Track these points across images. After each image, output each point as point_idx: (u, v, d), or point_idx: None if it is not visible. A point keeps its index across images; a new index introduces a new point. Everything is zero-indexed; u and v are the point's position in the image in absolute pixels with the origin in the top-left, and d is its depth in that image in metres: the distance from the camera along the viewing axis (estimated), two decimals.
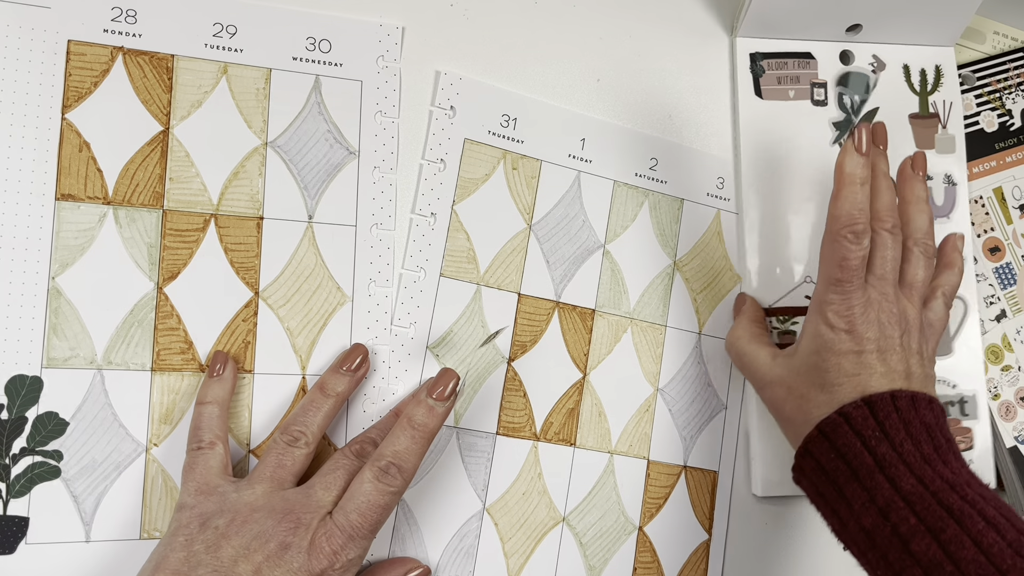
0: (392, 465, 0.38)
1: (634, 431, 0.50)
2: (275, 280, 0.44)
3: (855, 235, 0.42)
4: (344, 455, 0.41)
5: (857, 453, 0.39)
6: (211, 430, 0.41)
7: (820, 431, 0.41)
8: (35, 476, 0.40)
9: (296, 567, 0.36)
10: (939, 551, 0.35)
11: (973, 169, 0.57)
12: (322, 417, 0.42)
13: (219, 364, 0.42)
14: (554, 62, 0.50)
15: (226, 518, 0.37)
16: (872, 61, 0.55)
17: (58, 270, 0.41)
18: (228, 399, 0.42)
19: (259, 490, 0.39)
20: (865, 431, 0.40)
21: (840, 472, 0.40)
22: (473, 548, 0.46)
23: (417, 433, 0.39)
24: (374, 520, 0.38)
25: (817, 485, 0.41)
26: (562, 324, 0.49)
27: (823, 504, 0.42)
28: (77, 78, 0.41)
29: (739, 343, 0.49)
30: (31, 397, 0.40)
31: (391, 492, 0.38)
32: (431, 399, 0.40)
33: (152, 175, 0.42)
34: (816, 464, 0.41)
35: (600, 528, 0.49)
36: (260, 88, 0.44)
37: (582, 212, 0.50)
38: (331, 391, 0.42)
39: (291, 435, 0.41)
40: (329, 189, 0.45)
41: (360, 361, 0.43)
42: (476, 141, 0.47)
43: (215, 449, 0.40)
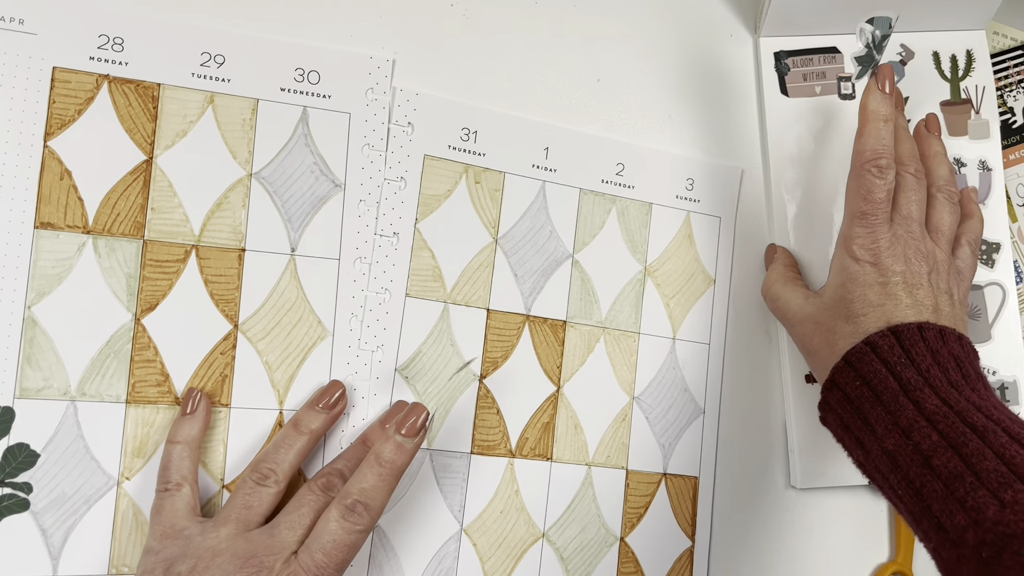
0: (359, 503, 0.38)
1: (611, 441, 0.49)
2: (255, 313, 0.43)
3: (879, 169, 0.43)
4: (310, 490, 0.40)
5: (882, 379, 0.39)
6: (179, 471, 0.40)
7: (846, 360, 0.41)
8: (3, 508, 0.39)
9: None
10: (960, 463, 0.35)
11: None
12: (294, 455, 0.41)
13: (192, 401, 0.41)
14: (554, 63, 0.50)
15: (189, 563, 0.37)
16: (900, 51, 0.55)
17: (34, 299, 0.40)
18: (199, 438, 0.41)
19: (223, 533, 0.38)
20: (891, 358, 0.39)
21: (865, 398, 0.39)
22: (452, 570, 0.45)
23: (385, 471, 0.38)
24: (340, 559, 0.37)
25: (842, 417, 0.41)
26: (533, 338, 0.48)
27: (848, 437, 0.41)
28: (61, 105, 0.41)
29: (774, 287, 0.49)
30: (2, 428, 0.39)
31: (358, 531, 0.38)
32: (400, 435, 0.39)
33: (134, 205, 0.42)
34: (842, 395, 0.41)
35: (581, 541, 0.48)
36: (246, 119, 0.44)
37: (549, 223, 0.49)
38: (305, 428, 0.42)
39: (261, 473, 0.40)
40: (313, 222, 0.45)
41: (337, 398, 0.43)
42: (436, 157, 0.47)
43: (181, 491, 0.40)
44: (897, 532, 0.53)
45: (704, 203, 0.52)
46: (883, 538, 0.53)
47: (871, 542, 0.53)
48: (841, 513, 0.53)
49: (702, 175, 0.52)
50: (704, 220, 0.52)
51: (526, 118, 0.49)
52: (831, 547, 0.52)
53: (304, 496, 0.40)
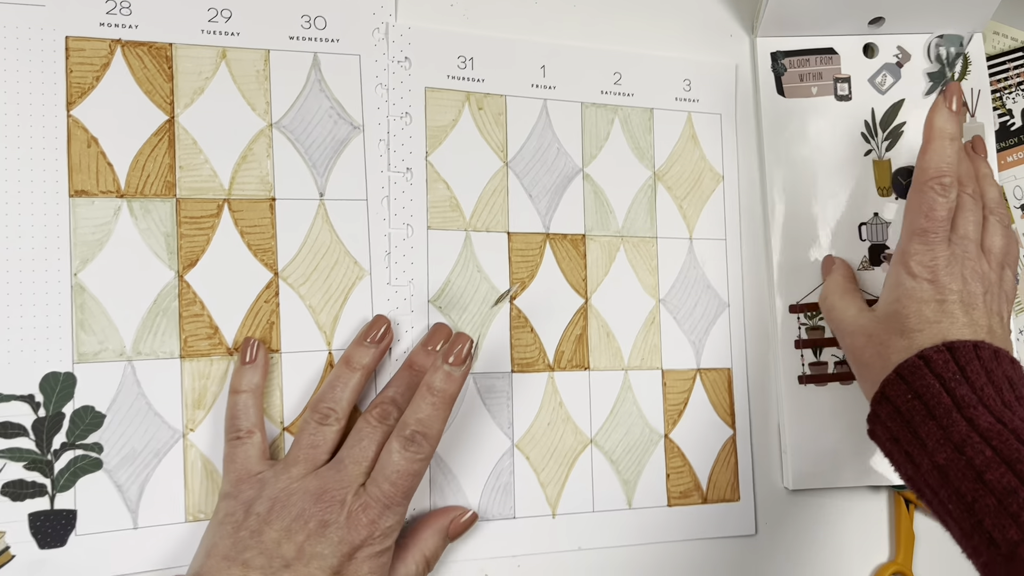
0: (417, 433, 0.39)
1: (643, 345, 0.51)
2: (293, 259, 0.44)
3: (943, 187, 0.43)
4: (367, 423, 0.41)
5: (935, 394, 0.39)
6: (247, 419, 0.42)
7: (898, 374, 0.41)
8: (78, 469, 0.40)
9: (337, 540, 0.38)
10: (1014, 479, 0.35)
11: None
12: (350, 392, 0.42)
13: (250, 350, 0.42)
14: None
15: (266, 504, 0.38)
16: (897, 53, 0.55)
17: (79, 266, 0.41)
18: (261, 385, 0.42)
19: (294, 472, 0.40)
20: (945, 373, 0.39)
21: (916, 412, 0.39)
22: (510, 484, 0.47)
23: (437, 399, 0.40)
24: (406, 487, 0.39)
25: (892, 430, 0.41)
26: (556, 254, 0.50)
27: (897, 450, 0.41)
28: (78, 74, 0.42)
29: (831, 297, 0.49)
30: (66, 393, 0.40)
31: (419, 459, 0.39)
32: (448, 365, 0.40)
33: (162, 165, 0.43)
34: (893, 408, 0.41)
35: (627, 443, 0.50)
36: (260, 70, 0.44)
37: (555, 140, 0.50)
38: (357, 364, 0.43)
39: (321, 413, 0.42)
40: (337, 165, 0.45)
41: (383, 332, 0.44)
42: (437, 88, 0.48)
43: (252, 438, 0.41)
44: (897, 532, 0.54)
45: (703, 102, 0.53)
46: (883, 538, 0.54)
47: (871, 542, 0.54)
48: (841, 513, 0.53)
49: (698, 74, 0.53)
50: (706, 119, 0.53)
51: (520, 39, 0.50)
52: (831, 547, 0.53)
53: (363, 429, 0.41)
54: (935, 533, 0.54)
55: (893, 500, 0.54)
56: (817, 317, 0.53)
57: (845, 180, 0.53)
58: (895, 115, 0.54)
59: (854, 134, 0.54)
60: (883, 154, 0.54)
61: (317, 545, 0.37)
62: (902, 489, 0.53)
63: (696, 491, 0.51)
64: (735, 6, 0.55)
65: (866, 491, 0.54)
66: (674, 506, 0.50)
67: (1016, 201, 0.57)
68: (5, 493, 0.39)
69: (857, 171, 0.54)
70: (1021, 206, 0.57)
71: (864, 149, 0.54)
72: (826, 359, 0.53)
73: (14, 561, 0.39)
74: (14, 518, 0.39)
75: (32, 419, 0.40)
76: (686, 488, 0.51)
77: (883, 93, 0.55)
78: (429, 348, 0.45)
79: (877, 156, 0.54)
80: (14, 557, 0.39)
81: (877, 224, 0.53)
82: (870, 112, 0.54)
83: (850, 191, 0.53)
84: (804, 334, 0.53)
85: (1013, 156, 0.57)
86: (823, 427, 0.52)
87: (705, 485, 0.51)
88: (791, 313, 0.53)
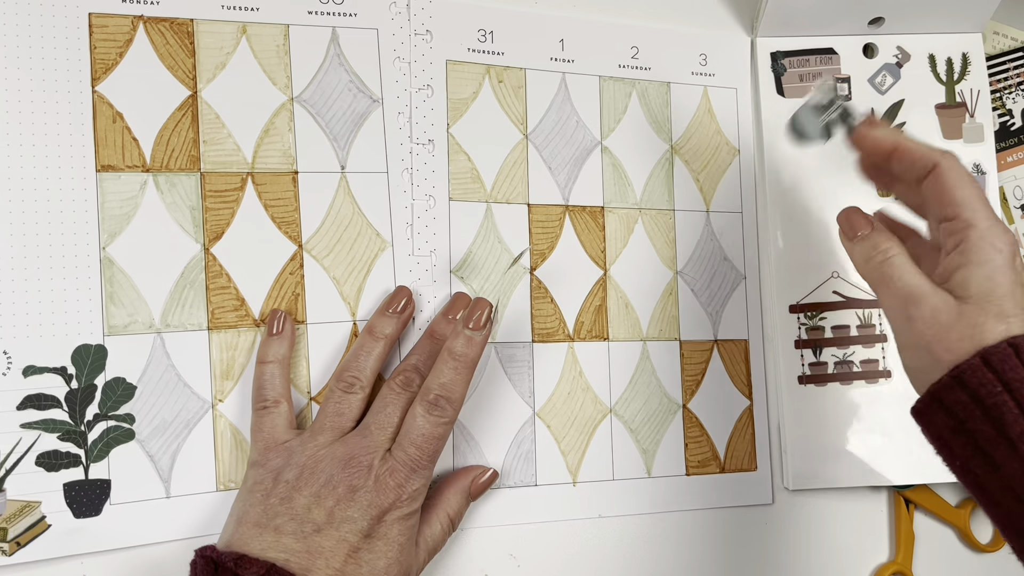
0: (440, 398, 0.40)
1: (661, 316, 0.52)
2: (316, 232, 0.45)
3: None
4: (391, 389, 0.42)
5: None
6: (274, 388, 0.42)
7: (984, 360, 0.36)
8: (111, 440, 0.41)
9: (366, 504, 0.38)
10: None
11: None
12: (374, 360, 0.43)
13: (277, 322, 0.43)
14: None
15: (295, 471, 0.39)
16: (896, 53, 0.55)
17: (107, 240, 0.42)
18: (288, 355, 0.43)
19: (321, 440, 0.41)
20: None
21: (1006, 407, 0.35)
22: (531, 452, 0.48)
23: (459, 364, 0.41)
24: (431, 451, 0.40)
25: (963, 421, 0.36)
26: (575, 226, 0.50)
27: (965, 444, 0.37)
28: (102, 50, 0.42)
29: (898, 256, 0.41)
30: (97, 365, 0.41)
31: (443, 423, 0.40)
32: (468, 329, 0.41)
33: (186, 139, 0.43)
34: (969, 397, 0.36)
35: (646, 412, 0.51)
36: (280, 45, 0.45)
37: (574, 113, 0.51)
38: (380, 334, 0.44)
39: (346, 381, 0.42)
40: (358, 138, 0.46)
41: (405, 302, 0.45)
42: (458, 61, 0.48)
43: (279, 407, 0.42)
44: (897, 532, 0.53)
45: (719, 76, 0.54)
46: (883, 538, 0.54)
47: (871, 542, 0.54)
48: (841, 514, 0.53)
49: (714, 48, 0.54)
50: (721, 93, 0.54)
51: (538, 12, 0.51)
52: (831, 547, 0.53)
53: (387, 396, 0.42)
54: (935, 533, 0.55)
55: (893, 500, 0.54)
56: (817, 317, 0.53)
57: (844, 180, 0.53)
58: (895, 115, 0.55)
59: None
60: None
61: (347, 509, 0.38)
62: (902, 489, 0.53)
63: (714, 460, 0.52)
64: (734, 6, 0.55)
65: (866, 491, 0.54)
66: (692, 475, 0.51)
67: (1016, 201, 0.56)
68: (40, 464, 0.40)
69: (856, 172, 0.53)
70: (1021, 206, 0.57)
71: None
72: (826, 359, 0.53)
73: (50, 530, 0.40)
74: (50, 488, 0.40)
75: (65, 391, 0.41)
76: (704, 457, 0.52)
77: (883, 93, 0.55)
78: (450, 317, 0.45)
79: None
80: (50, 526, 0.40)
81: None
82: (870, 112, 0.54)
83: (850, 192, 0.53)
84: (804, 334, 0.53)
85: (1013, 156, 0.56)
86: (823, 427, 0.52)
87: (723, 454, 0.52)
88: (791, 313, 0.53)
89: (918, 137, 0.41)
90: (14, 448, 0.40)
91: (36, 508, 0.40)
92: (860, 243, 0.42)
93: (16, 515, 0.40)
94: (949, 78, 0.55)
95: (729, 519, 0.52)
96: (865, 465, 0.52)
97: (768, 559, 0.52)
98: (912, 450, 0.52)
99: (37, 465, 0.40)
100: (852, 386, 0.53)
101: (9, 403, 0.40)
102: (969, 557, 0.55)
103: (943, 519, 0.55)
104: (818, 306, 0.53)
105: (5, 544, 0.39)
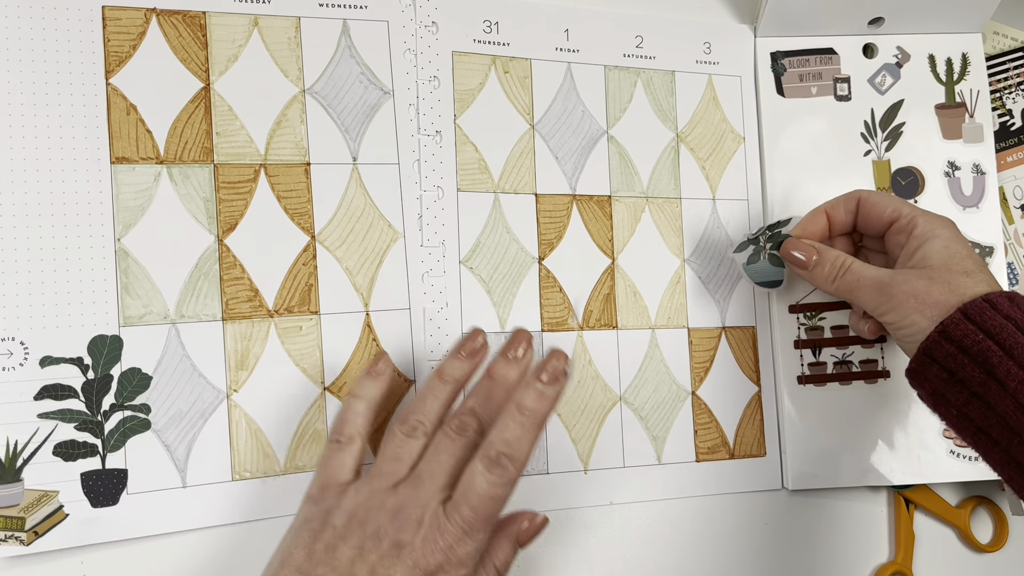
0: (503, 455, 0.37)
1: (669, 304, 0.52)
2: (329, 223, 0.45)
3: None
4: (445, 435, 0.39)
5: (1010, 334, 0.39)
6: (354, 425, 0.40)
7: (964, 314, 0.40)
8: (127, 430, 0.41)
9: (410, 564, 0.35)
10: None
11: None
12: (440, 405, 0.41)
13: (378, 363, 0.42)
14: None
15: (344, 518, 0.37)
16: (896, 53, 0.55)
17: (122, 231, 0.42)
18: (379, 398, 0.42)
19: (375, 486, 0.38)
20: (1014, 314, 0.39)
21: (991, 352, 0.39)
22: (542, 441, 0.49)
23: (527, 420, 0.37)
24: (487, 513, 0.37)
25: (954, 371, 0.40)
26: (582, 215, 0.51)
27: (958, 392, 0.40)
28: (116, 43, 0.42)
29: (854, 263, 0.47)
30: (113, 355, 0.41)
31: (504, 483, 0.37)
32: (540, 383, 0.38)
33: (199, 131, 0.43)
34: (955, 348, 0.40)
35: (656, 400, 0.51)
36: (291, 37, 0.45)
37: (580, 103, 0.51)
38: (449, 377, 0.42)
39: (410, 425, 0.40)
40: (369, 130, 0.46)
41: (480, 346, 0.43)
42: (463, 52, 0.49)
43: (352, 445, 0.40)
44: (897, 532, 0.54)
45: (723, 64, 0.54)
46: (883, 538, 0.54)
47: (871, 542, 0.54)
48: (841, 514, 0.54)
49: (718, 37, 0.54)
50: (726, 81, 0.54)
51: (543, 3, 0.51)
52: (831, 547, 0.53)
53: (441, 442, 0.39)
54: (935, 533, 0.55)
55: (893, 500, 0.54)
56: (816, 317, 0.53)
57: (844, 180, 0.54)
58: (894, 115, 0.55)
59: (853, 134, 0.54)
60: (882, 154, 0.55)
61: (390, 567, 0.35)
62: (902, 489, 0.54)
63: (723, 447, 0.52)
64: (735, 6, 0.55)
65: (866, 491, 0.54)
66: (702, 461, 0.52)
67: (1016, 201, 0.57)
68: (57, 453, 0.40)
69: (856, 172, 0.54)
70: (1021, 206, 0.57)
71: (863, 150, 0.54)
72: (825, 359, 0.53)
73: (68, 519, 0.40)
74: (67, 477, 0.40)
75: (81, 381, 0.41)
76: (714, 444, 0.52)
77: (883, 93, 0.55)
78: (510, 355, 0.41)
79: (876, 156, 0.54)
80: (68, 516, 0.40)
81: None
82: (869, 112, 0.55)
83: (850, 185, 0.53)
84: (803, 334, 0.53)
85: (1013, 156, 0.57)
86: (823, 427, 0.53)
87: (732, 441, 0.52)
88: (791, 313, 0.53)
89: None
90: (32, 438, 0.40)
91: (54, 498, 0.40)
92: (816, 268, 0.47)
93: (34, 505, 0.40)
94: (949, 78, 0.55)
95: (739, 506, 0.52)
96: (865, 465, 0.52)
97: (771, 552, 0.53)
98: (912, 450, 0.53)
99: (54, 455, 0.40)
100: (851, 386, 0.53)
101: (26, 393, 0.40)
102: (969, 557, 0.55)
103: (943, 519, 0.55)
104: (817, 306, 0.53)
105: (23, 533, 0.39)
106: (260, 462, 0.43)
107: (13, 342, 0.40)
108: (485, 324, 0.48)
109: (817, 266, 0.46)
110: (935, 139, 0.55)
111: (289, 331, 0.44)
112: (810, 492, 0.53)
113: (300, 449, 0.44)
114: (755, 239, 0.50)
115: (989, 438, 0.39)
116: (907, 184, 0.54)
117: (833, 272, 0.46)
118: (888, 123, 0.55)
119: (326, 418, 0.45)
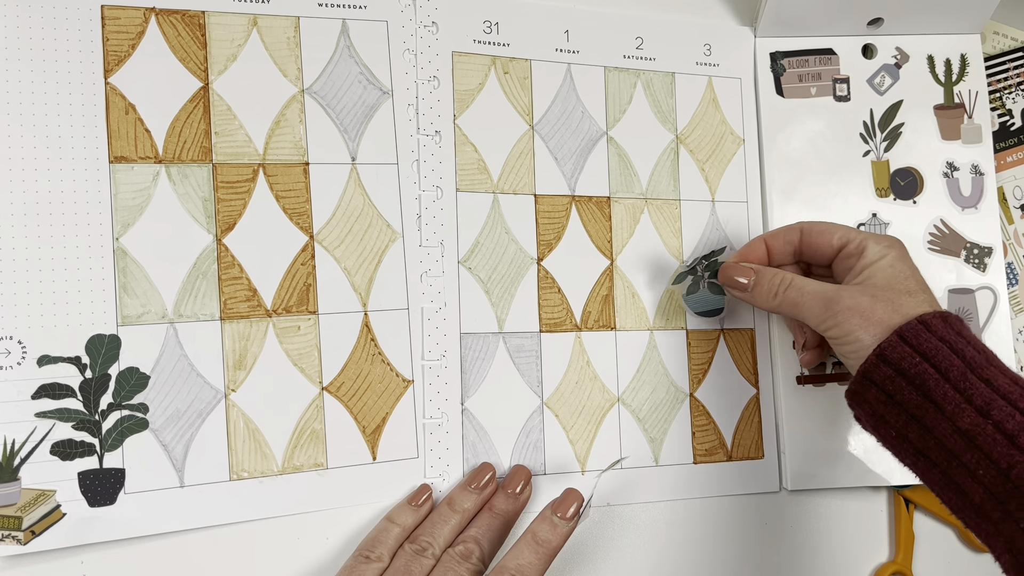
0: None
1: (668, 305, 0.52)
2: (327, 223, 0.45)
3: None
4: (451, 558, 0.42)
5: (945, 356, 0.39)
6: (385, 545, 0.43)
7: (900, 336, 0.40)
8: (125, 429, 0.41)
9: None
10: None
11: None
12: (448, 531, 0.44)
13: (422, 496, 0.45)
14: None
15: None
16: (895, 54, 0.55)
17: (120, 231, 0.42)
18: (413, 527, 0.44)
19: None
20: (948, 336, 0.39)
21: (927, 375, 0.39)
22: (540, 441, 0.48)
23: (541, 549, 0.41)
24: None
25: (892, 394, 0.40)
26: (581, 216, 0.51)
27: (897, 414, 0.40)
28: (114, 42, 0.42)
29: (795, 281, 0.47)
30: (111, 355, 0.41)
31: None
32: (555, 516, 0.42)
33: (198, 131, 0.43)
34: (892, 372, 0.40)
35: (654, 401, 0.51)
36: (291, 37, 0.45)
37: (579, 104, 0.51)
38: (458, 507, 0.44)
39: (420, 544, 0.42)
40: (368, 130, 0.46)
41: (488, 480, 0.46)
42: (463, 52, 0.49)
43: (379, 563, 0.42)
44: (897, 532, 0.54)
45: (723, 66, 0.54)
46: (883, 538, 0.54)
47: (871, 542, 0.54)
48: (840, 514, 0.53)
49: (718, 38, 0.54)
50: (725, 83, 0.54)
51: (543, 3, 0.51)
52: (831, 547, 0.53)
53: (447, 565, 0.41)
54: (935, 533, 0.55)
55: (893, 500, 0.54)
56: None
57: (843, 181, 0.54)
58: (893, 116, 0.55)
59: (852, 135, 0.54)
60: (881, 155, 0.55)
61: None
62: (902, 489, 0.54)
63: (721, 449, 0.52)
64: (734, 6, 0.55)
65: (866, 491, 0.54)
66: (700, 463, 0.52)
67: (1016, 201, 0.57)
68: (55, 453, 0.40)
69: (855, 172, 0.54)
70: (1021, 206, 0.57)
71: (863, 150, 0.54)
72: (824, 359, 0.53)
73: (65, 519, 0.40)
74: (64, 477, 0.40)
75: (79, 380, 0.41)
76: (711, 446, 0.52)
77: (882, 94, 0.55)
78: (509, 491, 0.46)
79: (875, 157, 0.54)
80: (65, 515, 0.40)
81: (875, 225, 0.54)
82: (868, 113, 0.55)
83: (848, 192, 0.54)
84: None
85: (1013, 156, 0.57)
86: (822, 428, 0.53)
87: (730, 443, 0.52)
88: None
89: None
90: (29, 437, 0.40)
91: (51, 497, 0.40)
92: (756, 288, 0.46)
93: (31, 504, 0.40)
94: (948, 79, 0.55)
95: (737, 507, 0.52)
96: (865, 465, 0.52)
97: (771, 553, 0.53)
98: None
99: (52, 454, 0.40)
100: None
101: (24, 392, 0.40)
102: (969, 557, 0.55)
103: (943, 519, 0.55)
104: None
105: (20, 533, 0.39)
106: (258, 462, 0.43)
107: (11, 341, 0.40)
108: (484, 324, 0.48)
109: (756, 285, 0.46)
110: (934, 140, 0.55)
111: (287, 331, 0.44)
112: (810, 492, 0.53)
113: (298, 449, 0.44)
114: (692, 269, 0.51)
115: (928, 460, 0.39)
116: (906, 185, 0.54)
117: (774, 287, 0.46)
118: (887, 124, 0.55)
119: (324, 418, 0.45)
